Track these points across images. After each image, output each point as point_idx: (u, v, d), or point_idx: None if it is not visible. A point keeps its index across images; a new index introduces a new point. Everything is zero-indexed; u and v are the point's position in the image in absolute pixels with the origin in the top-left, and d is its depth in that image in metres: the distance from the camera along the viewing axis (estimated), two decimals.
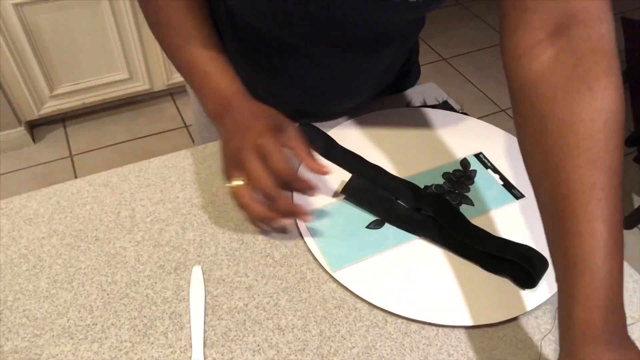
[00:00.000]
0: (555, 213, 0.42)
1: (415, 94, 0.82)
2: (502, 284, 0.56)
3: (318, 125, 0.73)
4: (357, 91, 0.72)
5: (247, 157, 0.52)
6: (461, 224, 0.61)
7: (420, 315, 0.53)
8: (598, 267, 0.38)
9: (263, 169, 0.52)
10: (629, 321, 0.54)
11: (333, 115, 0.75)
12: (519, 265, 0.56)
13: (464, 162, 0.70)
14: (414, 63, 0.83)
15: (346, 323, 0.53)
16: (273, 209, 0.53)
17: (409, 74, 0.83)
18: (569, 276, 0.40)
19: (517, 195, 0.66)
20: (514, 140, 0.75)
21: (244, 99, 0.58)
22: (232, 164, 0.54)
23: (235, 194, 0.53)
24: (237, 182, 0.53)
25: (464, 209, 0.64)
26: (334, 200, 0.63)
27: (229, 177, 0.55)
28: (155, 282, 0.55)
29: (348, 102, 0.74)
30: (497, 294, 0.55)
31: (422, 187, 0.66)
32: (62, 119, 1.98)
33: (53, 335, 0.50)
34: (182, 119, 2.05)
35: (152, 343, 0.50)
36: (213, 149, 0.70)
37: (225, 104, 0.58)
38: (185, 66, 0.61)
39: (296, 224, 0.61)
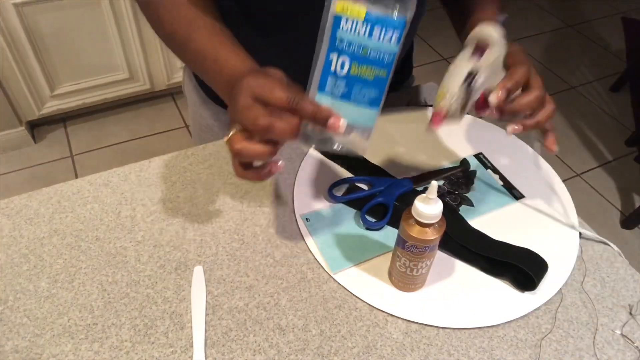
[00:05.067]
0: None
1: (415, 93, 0.82)
2: (501, 287, 0.56)
3: None
4: None
5: (240, 100, 0.45)
6: (461, 227, 0.61)
7: (420, 317, 0.53)
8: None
9: (255, 103, 0.45)
10: (629, 318, 0.54)
11: None
12: (518, 269, 0.56)
13: (464, 163, 0.70)
14: (410, 56, 0.84)
15: (347, 323, 0.53)
16: (269, 148, 0.46)
17: (405, 68, 0.84)
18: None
19: (517, 195, 0.66)
20: (514, 140, 0.75)
21: (257, 74, 0.50)
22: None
23: (230, 142, 0.47)
24: (232, 132, 0.46)
25: (463, 209, 0.64)
26: (333, 202, 0.63)
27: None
28: (156, 282, 0.55)
29: None
30: (497, 296, 0.55)
31: (421, 188, 0.66)
32: (62, 118, 1.98)
33: (54, 335, 0.50)
34: (183, 118, 2.05)
35: (153, 343, 0.50)
36: (213, 149, 0.70)
37: (237, 84, 0.51)
38: (194, 57, 0.57)
39: (296, 224, 0.61)
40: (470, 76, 0.50)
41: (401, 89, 0.84)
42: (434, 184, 0.46)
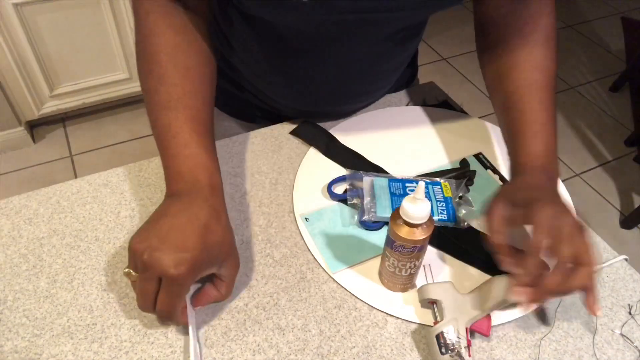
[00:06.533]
0: (506, 103, 0.61)
1: (415, 93, 0.82)
2: None
3: (319, 123, 0.73)
4: (372, 88, 0.73)
5: (146, 277, 0.45)
6: (460, 227, 0.61)
7: (420, 317, 0.53)
8: (536, 130, 0.57)
9: (151, 295, 0.46)
10: (628, 318, 0.55)
11: (338, 115, 0.75)
12: None
13: (464, 163, 0.70)
14: (415, 60, 0.84)
15: (346, 323, 0.53)
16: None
17: (409, 71, 0.84)
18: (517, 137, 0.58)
19: None
20: None
21: (214, 206, 0.50)
22: (137, 254, 0.46)
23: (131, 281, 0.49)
24: (133, 275, 0.47)
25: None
26: (333, 202, 0.63)
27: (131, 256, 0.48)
28: None
29: (363, 100, 0.75)
30: None
31: None
32: (62, 119, 1.98)
33: (53, 335, 0.50)
34: None
35: (152, 343, 0.50)
36: None
37: (189, 190, 0.51)
38: (160, 128, 0.54)
39: (296, 224, 0.61)
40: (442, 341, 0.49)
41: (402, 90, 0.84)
42: (422, 185, 0.46)
